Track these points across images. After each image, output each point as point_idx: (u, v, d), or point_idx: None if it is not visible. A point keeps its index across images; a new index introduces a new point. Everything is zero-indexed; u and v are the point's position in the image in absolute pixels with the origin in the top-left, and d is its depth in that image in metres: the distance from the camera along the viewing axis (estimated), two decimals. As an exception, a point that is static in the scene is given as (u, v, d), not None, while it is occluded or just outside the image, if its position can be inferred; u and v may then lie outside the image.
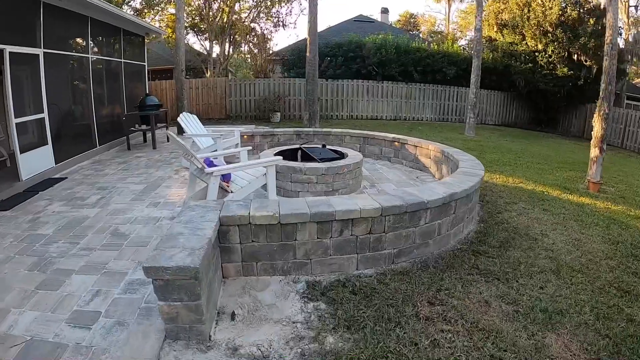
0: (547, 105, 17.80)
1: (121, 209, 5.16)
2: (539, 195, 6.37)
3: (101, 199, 5.55)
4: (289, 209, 3.23)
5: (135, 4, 19.47)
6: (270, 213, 3.11)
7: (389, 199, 3.51)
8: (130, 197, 5.64)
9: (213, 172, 4.15)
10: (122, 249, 4.01)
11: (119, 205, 5.32)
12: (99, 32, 9.41)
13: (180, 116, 7.64)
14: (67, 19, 7.72)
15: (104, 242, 4.15)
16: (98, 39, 9.58)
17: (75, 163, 7.76)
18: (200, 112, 16.04)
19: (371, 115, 17.21)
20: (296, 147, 6.64)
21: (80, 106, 8.51)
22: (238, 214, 3.10)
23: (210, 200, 3.55)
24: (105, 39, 10.06)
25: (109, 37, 10.16)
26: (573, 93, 16.53)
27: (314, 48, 11.20)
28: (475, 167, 5.19)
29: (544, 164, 9.32)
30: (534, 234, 4.67)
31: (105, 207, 5.22)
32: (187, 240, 2.62)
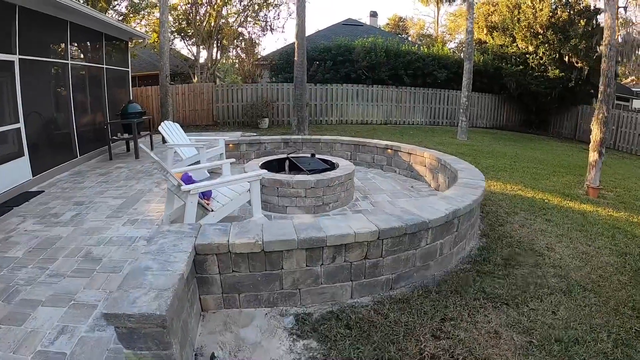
0: (539, 107, 17.68)
1: (96, 227, 4.77)
2: (539, 203, 6.09)
3: (76, 216, 5.17)
4: (274, 234, 2.86)
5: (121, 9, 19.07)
6: (252, 240, 2.75)
7: (387, 220, 3.16)
8: (106, 214, 5.25)
9: (190, 190, 3.78)
10: (94, 275, 3.62)
11: (94, 223, 4.93)
12: (79, 37, 8.98)
13: (162, 125, 7.26)
14: (44, 23, 7.29)
15: (75, 267, 3.76)
16: (78, 44, 9.15)
17: (54, 175, 7.31)
18: (186, 119, 15.68)
19: (361, 119, 16.92)
20: (283, 157, 6.28)
21: (60, 115, 8.05)
22: (216, 242, 2.73)
23: (186, 224, 3.16)
24: (86, 44, 9.62)
25: (90, 42, 9.73)
26: (564, 95, 16.41)
27: (302, 52, 10.87)
28: (475, 177, 4.88)
29: (540, 169, 9.07)
30: (539, 248, 4.37)
31: (79, 226, 4.83)
32: (155, 278, 2.25)
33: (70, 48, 8.30)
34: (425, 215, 3.28)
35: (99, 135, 9.34)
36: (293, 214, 5.08)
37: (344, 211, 5.23)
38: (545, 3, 15.14)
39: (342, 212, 5.21)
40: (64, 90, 8.14)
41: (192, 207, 3.87)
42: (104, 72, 9.94)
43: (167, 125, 7.34)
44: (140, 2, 19.10)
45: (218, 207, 4.26)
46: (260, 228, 2.99)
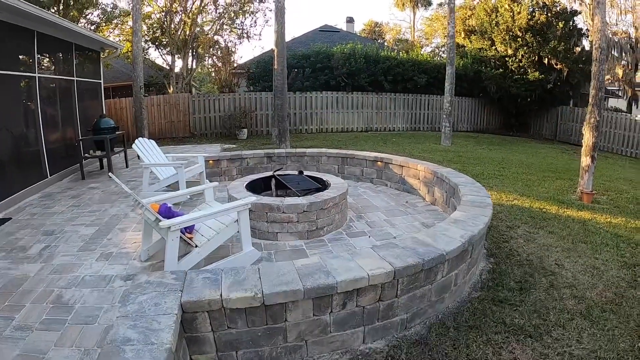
0: (519, 109, 17.78)
1: (67, 264, 4.24)
2: (538, 214, 5.88)
3: (46, 249, 4.62)
4: (275, 283, 2.48)
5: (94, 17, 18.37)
6: (249, 294, 2.37)
7: (401, 256, 2.83)
8: (78, 246, 4.71)
9: (170, 226, 3.36)
10: (65, 328, 3.12)
11: (65, 258, 4.39)
12: (48, 48, 8.40)
13: (136, 142, 6.78)
14: (8, 33, 6.72)
15: (44, 317, 3.25)
16: (46, 55, 8.56)
17: (23, 198, 6.71)
18: (162, 131, 15.14)
19: (342, 127, 16.65)
20: (269, 175, 5.91)
21: (28, 133, 7.43)
22: (207, 298, 2.34)
23: (168, 272, 2.73)
24: (56, 56, 9.04)
25: (60, 54, 9.14)
26: (544, 96, 16.54)
27: (282, 60, 10.49)
28: (478, 193, 4.62)
29: (529, 174, 8.94)
30: (550, 266, 4.14)
31: (49, 262, 4.29)
32: (137, 355, 1.84)
33: (37, 60, 7.71)
34: (441, 246, 2.97)
35: (71, 152, 8.72)
36: (285, 240, 4.70)
37: (339, 234, 4.88)
38: (523, 6, 15.24)
39: (338, 235, 4.86)
40: (32, 105, 7.54)
41: (174, 245, 3.45)
42: (74, 84, 9.34)
43: (141, 143, 6.86)
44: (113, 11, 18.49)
45: (203, 242, 3.84)
46: (258, 275, 2.60)
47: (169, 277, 2.60)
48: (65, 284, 3.74)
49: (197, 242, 3.84)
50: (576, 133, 16.17)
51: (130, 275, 3.81)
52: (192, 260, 3.77)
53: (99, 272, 3.95)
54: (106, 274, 3.90)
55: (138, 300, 2.32)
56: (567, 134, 16.86)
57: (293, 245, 4.60)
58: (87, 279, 3.82)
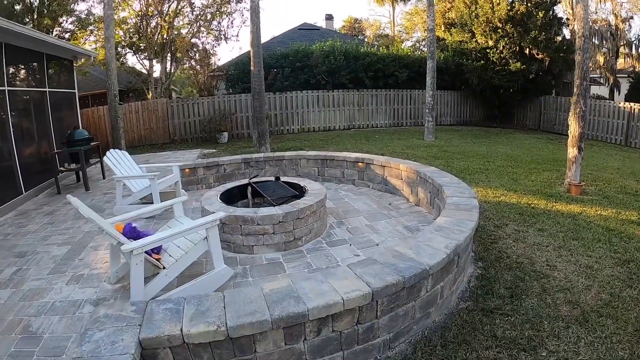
0: (501, 100, 17.72)
1: (37, 288, 3.98)
2: (526, 209, 5.72)
3: (17, 273, 4.35)
4: (240, 313, 2.24)
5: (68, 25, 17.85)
6: (212, 328, 2.12)
7: (380, 274, 2.59)
8: (49, 268, 4.44)
9: (132, 249, 3.09)
10: (34, 360, 2.88)
11: (36, 282, 4.13)
12: (17, 60, 8.06)
13: (108, 155, 6.47)
14: None
15: (12, 349, 3.00)
16: (15, 67, 8.20)
17: None
18: (142, 138, 14.80)
19: (324, 126, 16.41)
20: (245, 183, 5.64)
21: None
22: (166, 333, 2.09)
23: (129, 304, 2.45)
24: (26, 67, 8.68)
25: (30, 65, 8.78)
26: (526, 87, 16.48)
27: (259, 61, 10.20)
28: (463, 194, 4.41)
29: (515, 167, 8.80)
30: (541, 268, 3.95)
31: (19, 287, 4.04)
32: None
33: (6, 73, 7.32)
34: (424, 260, 2.74)
35: (47, 166, 8.37)
36: (261, 253, 4.44)
37: (318, 244, 4.64)
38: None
39: (317, 245, 4.61)
40: (2, 120, 7.17)
41: (138, 270, 3.18)
42: (47, 96, 8.96)
43: (113, 155, 6.54)
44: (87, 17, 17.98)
45: (171, 263, 3.57)
46: (222, 304, 2.36)
47: (129, 310, 2.38)
48: (35, 312, 3.51)
49: (165, 264, 3.59)
50: (560, 122, 16.21)
51: (100, 299, 3.58)
52: (159, 283, 3.51)
53: (69, 296, 3.73)
54: (76, 299, 3.67)
55: (95, 339, 2.09)
56: (550, 123, 16.85)
57: (270, 259, 4.34)
58: (57, 305, 3.59)
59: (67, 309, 3.50)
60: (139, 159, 11.92)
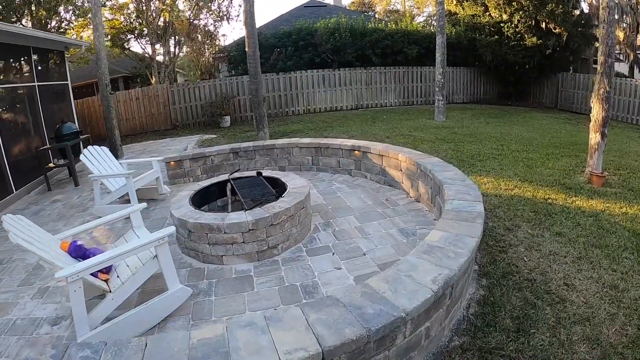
0: (517, 77, 16.52)
1: (4, 303, 3.62)
2: (542, 206, 4.94)
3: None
4: None
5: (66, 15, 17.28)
6: None
7: (339, 323, 1.94)
8: (20, 279, 4.04)
9: (67, 276, 2.60)
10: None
11: (4, 295, 3.78)
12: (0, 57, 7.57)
13: (84, 152, 5.93)
14: None
15: None
16: None
17: None
18: (143, 125, 14.27)
19: (330, 106, 15.55)
20: (224, 180, 5.00)
21: None
22: None
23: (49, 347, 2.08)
24: (9, 63, 8.17)
25: (14, 60, 8.27)
26: (543, 63, 15.30)
27: (253, 41, 9.41)
28: (467, 194, 3.67)
29: (531, 151, 7.95)
30: (557, 288, 3.22)
31: None
32: None
33: None
34: (401, 302, 2.07)
35: (39, 162, 8.00)
36: (232, 263, 3.83)
37: (298, 252, 3.99)
38: (518, -33, 13.90)
39: (296, 253, 3.96)
40: None
41: (76, 298, 2.71)
42: (36, 90, 8.48)
43: (90, 152, 6.00)
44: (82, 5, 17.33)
45: (117, 286, 3.01)
46: (141, 355, 1.88)
47: (47, 355, 1.98)
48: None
49: (113, 286, 3.05)
50: (578, 101, 15.09)
51: (59, 317, 3.27)
52: (105, 309, 2.99)
53: (30, 313, 3.43)
54: (36, 317, 3.37)
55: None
56: (568, 102, 15.70)
57: (240, 271, 3.73)
58: (17, 324, 3.29)
59: (26, 329, 3.21)
60: (136, 148, 11.43)
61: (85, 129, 13.75)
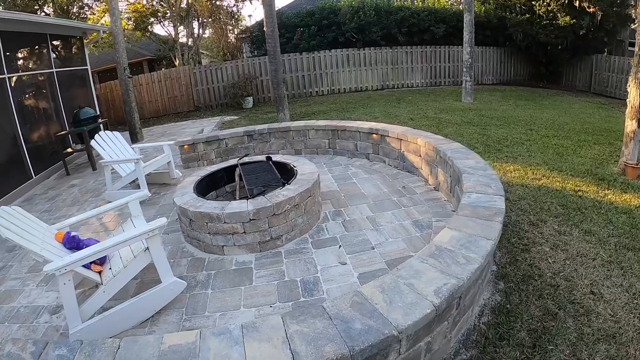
0: (549, 58, 15.48)
1: (11, 290, 3.60)
2: (571, 199, 4.48)
3: (1, 271, 4.00)
4: None
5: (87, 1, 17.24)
6: None
7: (319, 338, 1.69)
8: (29, 266, 4.00)
9: (54, 270, 2.49)
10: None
11: (13, 282, 3.74)
12: (15, 46, 7.53)
13: (96, 138, 5.83)
14: None
15: None
16: (15, 54, 7.66)
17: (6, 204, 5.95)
18: (166, 107, 14.23)
19: (355, 87, 15.03)
20: (233, 165, 4.77)
21: (2, 137, 6.63)
22: None
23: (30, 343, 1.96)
24: (26, 51, 8.17)
25: (32, 48, 8.25)
26: (577, 44, 14.22)
27: (272, 21, 9.03)
28: (489, 187, 3.27)
29: (562, 138, 7.37)
30: (582, 297, 2.82)
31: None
32: None
33: (4, 60, 6.77)
34: (394, 317, 1.78)
35: (57, 148, 8.03)
36: (233, 254, 3.61)
37: (303, 243, 3.73)
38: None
39: (301, 245, 3.70)
40: (4, 108, 6.71)
41: (66, 292, 2.60)
42: (54, 76, 8.48)
43: (102, 138, 5.90)
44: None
45: (109, 279, 2.86)
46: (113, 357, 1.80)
47: (28, 350, 1.97)
48: (1, 318, 3.22)
49: (105, 278, 2.91)
50: (613, 84, 14.07)
51: (59, 306, 3.19)
52: (96, 302, 2.87)
53: (34, 301, 3.39)
54: (38, 305, 3.33)
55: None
56: (602, 85, 14.65)
57: (241, 262, 3.51)
58: (21, 311, 3.26)
59: (27, 317, 3.18)
60: (157, 131, 11.35)
61: (109, 112, 13.84)
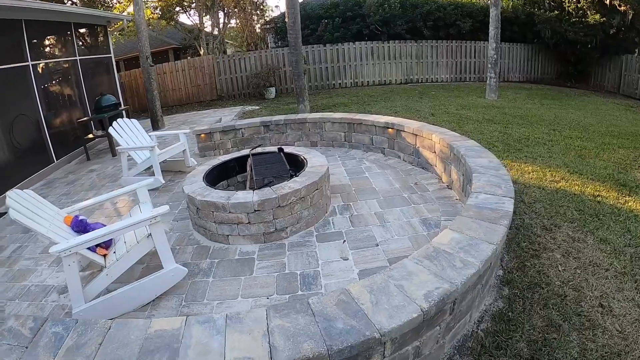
0: (577, 57, 14.84)
1: (25, 269, 3.73)
2: (589, 204, 4.26)
3: (17, 250, 4.15)
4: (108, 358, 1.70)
5: None
6: None
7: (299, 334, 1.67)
8: (43, 246, 4.11)
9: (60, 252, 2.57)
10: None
11: (26, 262, 3.87)
12: (40, 34, 7.67)
13: (114, 125, 5.91)
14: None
15: None
16: (39, 42, 7.80)
17: (27, 186, 6.18)
18: (189, 96, 14.34)
19: (378, 80, 14.77)
20: (245, 155, 4.73)
21: (26, 122, 6.82)
22: None
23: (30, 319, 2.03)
24: (51, 39, 8.33)
25: (56, 36, 8.41)
26: (607, 43, 13.55)
27: (293, 12, 8.91)
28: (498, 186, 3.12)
29: (585, 140, 7.04)
30: (590, 309, 2.65)
31: (12, 266, 3.82)
32: None
33: (29, 48, 6.93)
34: (378, 319, 1.71)
35: (79, 133, 8.23)
36: (237, 244, 3.59)
37: (307, 236, 3.67)
38: None
39: (305, 237, 3.65)
40: (28, 95, 6.89)
41: (70, 272, 2.68)
42: (78, 64, 8.66)
43: (119, 125, 5.97)
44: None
45: (112, 262, 2.89)
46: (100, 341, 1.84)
47: (27, 326, 2.02)
48: (13, 295, 3.34)
49: (109, 262, 2.95)
50: (643, 87, 13.44)
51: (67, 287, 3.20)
52: (99, 284, 2.91)
53: (44, 281, 3.50)
54: (48, 284, 3.43)
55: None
56: (632, 87, 13.94)
57: (244, 252, 3.49)
58: (32, 290, 3.38)
59: (37, 296, 3.29)
60: (178, 119, 11.45)
61: (133, 100, 14.04)
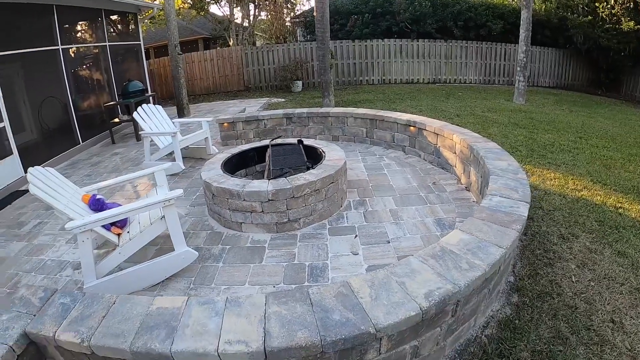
0: (610, 65, 14.17)
1: (43, 244, 3.86)
2: (610, 216, 4.06)
3: (37, 226, 4.31)
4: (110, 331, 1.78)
5: None
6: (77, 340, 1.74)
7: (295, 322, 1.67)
8: (62, 223, 4.21)
9: (74, 228, 2.60)
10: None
11: (45, 237, 4.01)
12: (70, 19, 7.84)
13: (138, 110, 6.00)
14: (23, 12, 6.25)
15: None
16: (69, 26, 7.99)
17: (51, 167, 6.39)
18: (217, 85, 14.47)
19: (406, 78, 14.53)
20: (264, 145, 4.73)
21: (54, 105, 7.04)
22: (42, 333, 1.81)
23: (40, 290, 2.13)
24: (82, 25, 8.53)
25: (87, 22, 8.60)
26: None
27: (322, 6, 8.81)
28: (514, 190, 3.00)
29: (612, 149, 6.74)
30: (600, 324, 2.51)
31: (31, 241, 3.95)
32: None
33: (59, 33, 7.12)
34: (375, 315, 1.67)
35: (106, 117, 8.46)
36: (250, 232, 3.59)
37: (320, 229, 3.63)
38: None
39: (318, 230, 3.61)
40: (57, 78, 7.09)
41: (84, 249, 2.72)
42: (107, 49, 8.86)
43: (144, 110, 6.07)
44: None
45: (125, 242, 2.94)
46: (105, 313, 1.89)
47: (37, 296, 2.09)
48: (30, 268, 3.45)
49: (123, 241, 3.01)
50: (675, 99, 12.75)
51: None
52: (112, 262, 2.97)
53: (60, 256, 3.61)
54: (64, 260, 3.53)
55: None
56: (664, 99, 13.35)
57: (256, 241, 3.48)
58: (47, 264, 3.49)
59: (52, 269, 3.38)
60: (204, 108, 11.57)
61: (161, 87, 14.26)
